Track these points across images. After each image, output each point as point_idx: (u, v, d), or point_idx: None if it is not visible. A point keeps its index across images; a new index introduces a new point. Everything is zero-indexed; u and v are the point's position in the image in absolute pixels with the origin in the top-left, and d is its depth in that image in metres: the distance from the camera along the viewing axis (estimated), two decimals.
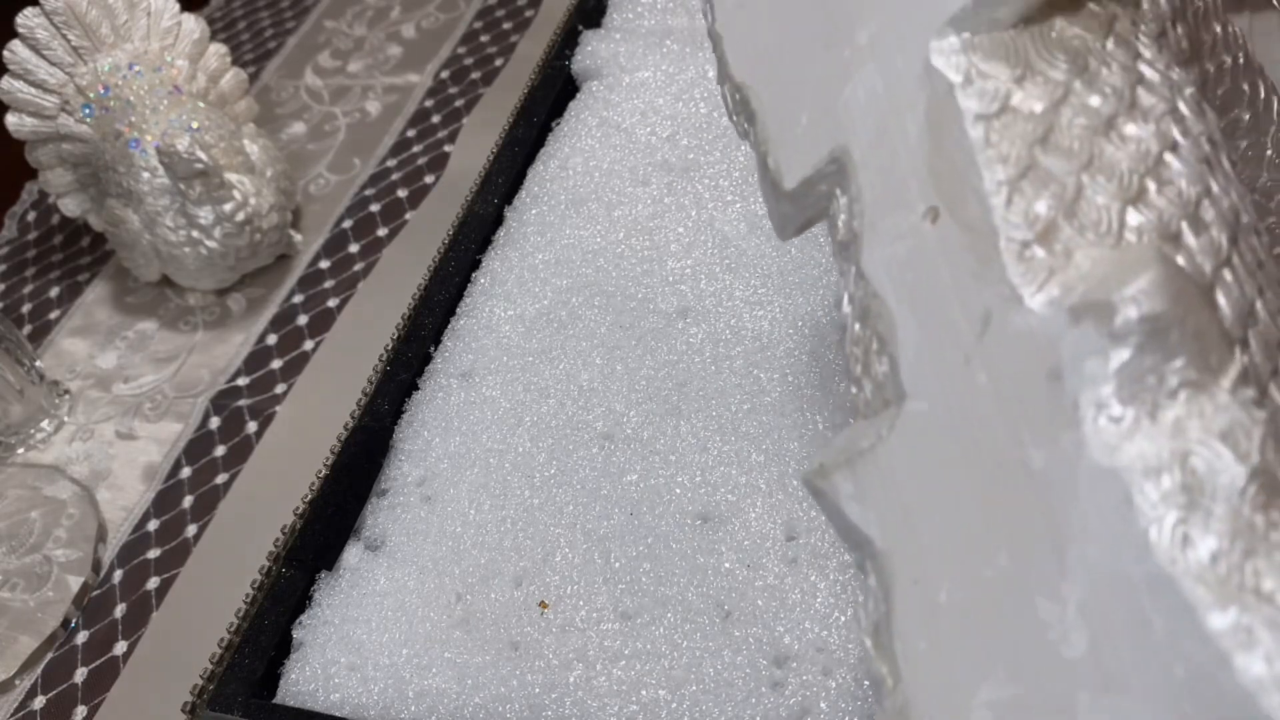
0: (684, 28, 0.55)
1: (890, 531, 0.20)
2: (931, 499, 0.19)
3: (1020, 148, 0.19)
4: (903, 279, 0.21)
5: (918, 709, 0.19)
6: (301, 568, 0.37)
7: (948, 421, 0.19)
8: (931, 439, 0.20)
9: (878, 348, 0.21)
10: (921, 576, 0.19)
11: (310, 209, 0.61)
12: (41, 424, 0.53)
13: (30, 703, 0.43)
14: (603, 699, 0.32)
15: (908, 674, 0.19)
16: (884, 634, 0.20)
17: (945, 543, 0.19)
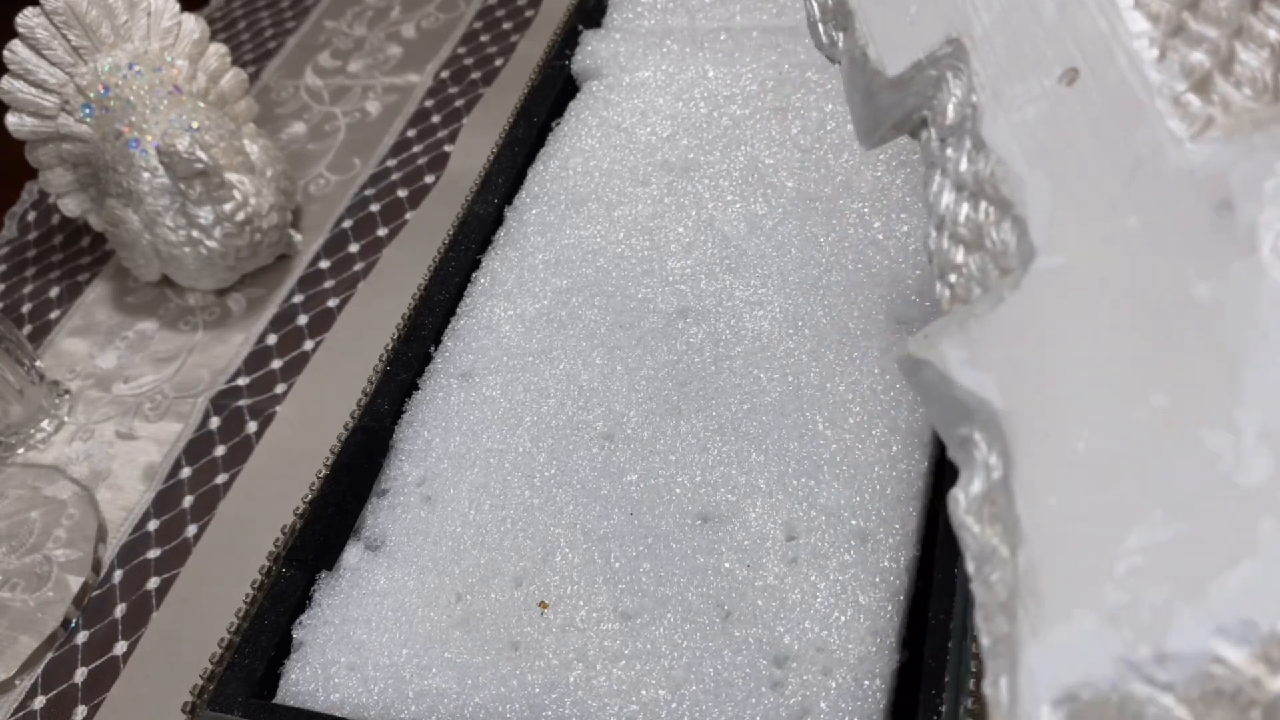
0: (684, 28, 0.55)
1: (1012, 391, 0.20)
2: (1066, 352, 0.19)
3: (1171, 9, 0.20)
4: (1033, 142, 0.21)
5: (1049, 566, 0.18)
6: (301, 568, 0.37)
7: (1089, 271, 0.20)
8: (1069, 291, 0.20)
9: (996, 218, 0.21)
10: (1053, 431, 0.19)
11: (310, 209, 0.61)
12: (41, 424, 0.53)
13: (30, 703, 0.43)
14: (603, 699, 0.32)
15: (1033, 533, 0.19)
16: (998, 501, 0.19)
17: (1085, 392, 0.19)
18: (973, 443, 0.21)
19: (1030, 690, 0.18)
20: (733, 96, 0.50)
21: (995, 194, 0.21)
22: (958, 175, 0.23)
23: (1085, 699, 0.17)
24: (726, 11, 0.55)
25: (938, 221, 0.24)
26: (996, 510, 0.20)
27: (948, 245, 0.23)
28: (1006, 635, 0.19)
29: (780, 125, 0.48)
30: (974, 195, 0.22)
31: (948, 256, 0.23)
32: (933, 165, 0.24)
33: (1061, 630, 0.18)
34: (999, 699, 0.18)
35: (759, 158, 0.47)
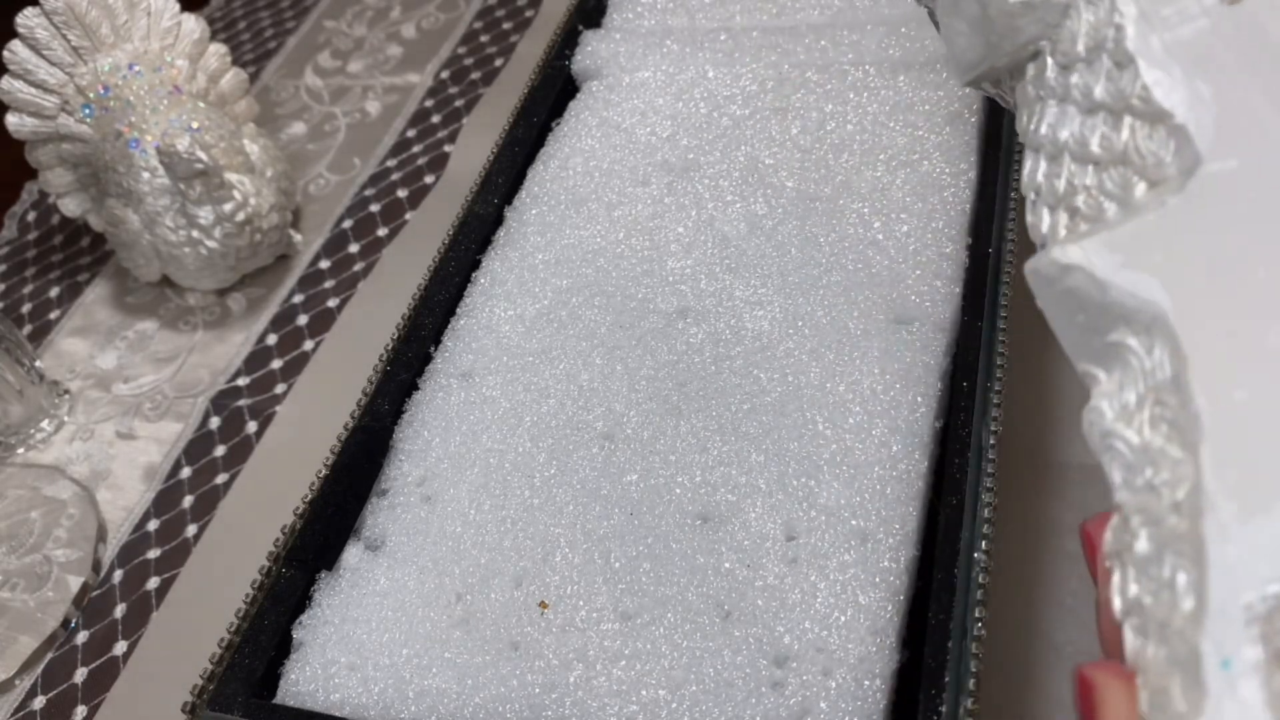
0: (684, 28, 0.55)
1: (1181, 291, 0.20)
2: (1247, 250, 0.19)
3: None
4: (1191, 56, 0.21)
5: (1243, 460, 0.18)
6: (301, 568, 0.37)
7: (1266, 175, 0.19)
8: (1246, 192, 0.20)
9: (1146, 132, 0.21)
10: (1238, 327, 0.19)
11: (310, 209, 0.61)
12: (41, 424, 0.53)
13: (30, 703, 0.43)
14: (603, 699, 0.32)
15: (1219, 428, 0.18)
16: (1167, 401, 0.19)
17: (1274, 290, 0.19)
18: (1127, 348, 0.20)
19: (1226, 584, 0.17)
20: (733, 96, 0.50)
21: (1146, 108, 0.21)
22: (1090, 99, 0.23)
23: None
24: (726, 11, 0.55)
25: (1051, 153, 0.23)
26: (1164, 412, 0.19)
27: (1072, 169, 0.23)
28: (1185, 534, 0.18)
29: (780, 125, 0.48)
30: (1113, 114, 0.22)
31: (1072, 181, 0.22)
32: (1042, 98, 0.24)
33: (1263, 523, 0.17)
34: (1176, 601, 0.18)
35: (759, 158, 0.47)
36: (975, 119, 0.46)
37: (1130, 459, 0.20)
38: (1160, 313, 0.19)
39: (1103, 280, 0.20)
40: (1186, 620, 0.17)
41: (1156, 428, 0.19)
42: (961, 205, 0.43)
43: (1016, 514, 0.42)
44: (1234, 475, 0.18)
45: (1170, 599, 0.18)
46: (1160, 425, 0.19)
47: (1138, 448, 0.19)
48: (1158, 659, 0.18)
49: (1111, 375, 0.21)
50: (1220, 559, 0.17)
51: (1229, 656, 0.17)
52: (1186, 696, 0.17)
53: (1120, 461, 0.20)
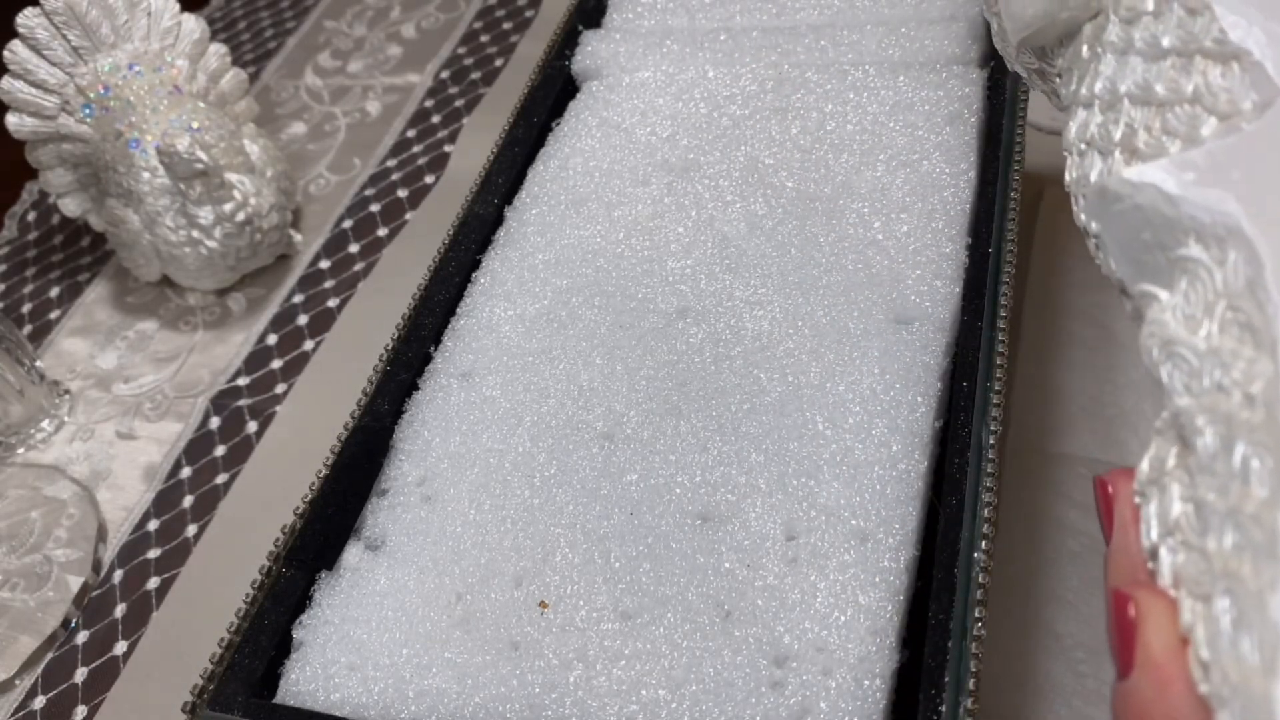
0: (684, 28, 0.55)
1: (1257, 203, 0.20)
2: None
3: None
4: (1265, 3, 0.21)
5: None
6: (301, 568, 0.37)
7: None
8: None
9: (1219, 70, 0.21)
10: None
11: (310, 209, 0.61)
12: (41, 424, 0.53)
13: (30, 703, 0.43)
14: (603, 699, 0.32)
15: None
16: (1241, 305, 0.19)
17: None
18: (1196, 261, 0.20)
19: None
20: (733, 96, 0.50)
21: (1220, 49, 0.21)
22: (1157, 47, 0.23)
23: None
24: (726, 11, 0.55)
25: (1106, 104, 0.23)
26: (1236, 315, 0.19)
27: (1132, 114, 0.23)
28: (1262, 423, 0.18)
29: (780, 125, 0.48)
30: (1183, 57, 0.22)
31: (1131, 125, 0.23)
32: (1098, 55, 0.24)
33: None
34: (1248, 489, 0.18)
35: (759, 158, 0.47)
36: (975, 119, 0.46)
37: (1195, 364, 0.20)
38: (1235, 224, 0.20)
39: (1175, 195, 0.21)
40: (1262, 505, 0.17)
41: (1227, 331, 0.19)
42: (961, 205, 0.43)
43: (1016, 513, 0.42)
44: None
45: (1241, 488, 0.18)
46: (1231, 329, 0.19)
47: (1204, 352, 0.20)
48: (1221, 551, 0.18)
49: (1175, 291, 0.21)
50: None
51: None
52: (1261, 574, 0.17)
53: (1184, 368, 0.20)
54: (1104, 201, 0.23)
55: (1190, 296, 0.20)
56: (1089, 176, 0.24)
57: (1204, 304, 0.20)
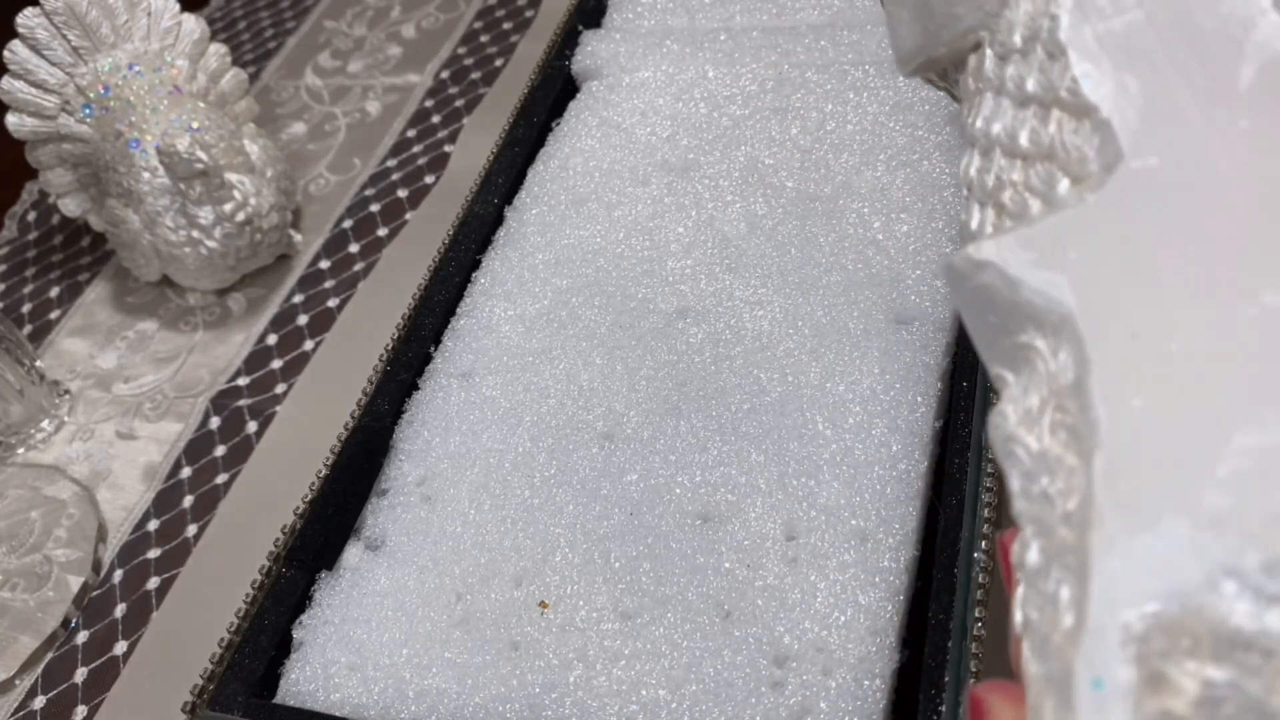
0: (684, 28, 0.55)
1: (1091, 292, 0.19)
2: (1159, 252, 0.18)
3: None
4: (1123, 50, 0.20)
5: (1134, 471, 0.17)
6: (301, 568, 0.37)
7: (1190, 172, 0.19)
8: (1164, 191, 0.19)
9: (1072, 126, 0.20)
10: (1141, 330, 0.18)
11: (310, 209, 0.61)
12: (41, 424, 0.53)
13: (30, 703, 0.43)
14: (603, 699, 0.32)
15: (1114, 437, 0.17)
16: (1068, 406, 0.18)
17: (1182, 291, 0.18)
18: (1034, 350, 0.19)
19: (1106, 601, 0.16)
20: (733, 96, 0.50)
21: (1074, 101, 0.20)
22: (1022, 91, 0.22)
23: (1173, 612, 0.15)
24: (726, 11, 0.55)
25: (984, 148, 0.23)
26: (1064, 418, 0.18)
27: (1001, 164, 0.22)
28: (1072, 546, 0.17)
29: (780, 125, 0.48)
30: (1043, 106, 0.21)
31: (1000, 176, 0.22)
32: (980, 90, 0.24)
33: (1148, 538, 0.16)
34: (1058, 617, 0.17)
35: (759, 158, 0.47)
36: None
37: (1029, 466, 0.19)
38: (1068, 313, 0.19)
39: (1014, 278, 0.20)
40: (1065, 637, 0.16)
41: (1056, 434, 0.18)
42: (962, 205, 0.43)
43: None
44: (1124, 487, 0.17)
45: (1053, 614, 0.17)
46: (1059, 432, 0.18)
47: (1036, 454, 0.19)
48: (1036, 677, 0.17)
49: (1019, 378, 0.20)
50: (1102, 574, 0.16)
51: (1100, 676, 0.16)
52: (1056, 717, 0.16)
53: (1019, 469, 0.19)
54: (953, 279, 0.21)
55: (1029, 388, 0.19)
56: (970, 225, 0.23)
57: (1039, 400, 0.19)
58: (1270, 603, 0.15)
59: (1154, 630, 0.15)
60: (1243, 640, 0.15)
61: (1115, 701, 0.15)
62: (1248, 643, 0.15)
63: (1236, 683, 0.15)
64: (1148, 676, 0.15)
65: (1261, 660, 0.15)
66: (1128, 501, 0.16)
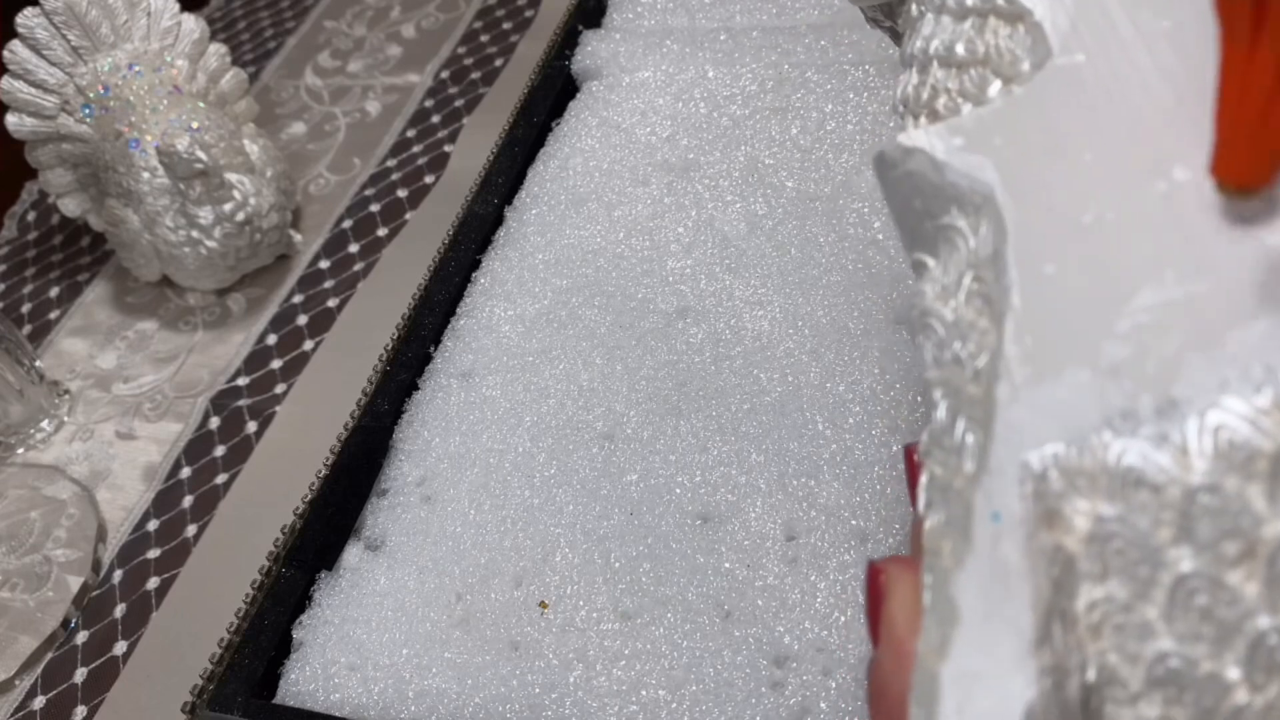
0: (684, 28, 0.55)
1: (1013, 173, 0.20)
2: (1080, 136, 0.19)
3: None
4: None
5: (1039, 329, 0.17)
6: (301, 568, 0.37)
7: (1114, 65, 0.19)
8: (1088, 82, 0.20)
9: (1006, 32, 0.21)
10: (1059, 205, 0.19)
11: (310, 209, 0.61)
12: (41, 424, 0.53)
13: (30, 703, 0.43)
14: (603, 699, 0.32)
15: (1024, 301, 0.18)
16: (984, 277, 0.19)
17: (1099, 171, 0.19)
18: (955, 230, 0.20)
19: (1007, 443, 0.17)
20: (733, 96, 0.50)
21: (1009, 8, 0.21)
22: (962, 6, 0.23)
23: (1072, 455, 0.16)
24: (726, 11, 0.55)
25: (921, 64, 0.23)
26: (980, 287, 0.19)
27: (937, 75, 0.23)
28: (979, 399, 0.18)
29: (780, 125, 0.48)
30: (980, 16, 0.22)
31: (935, 86, 0.23)
32: (922, 14, 0.24)
33: (1050, 388, 0.17)
34: (960, 464, 0.17)
35: (759, 158, 0.47)
36: None
37: (942, 335, 0.19)
38: (989, 193, 0.19)
39: (940, 161, 0.20)
40: (966, 480, 0.17)
41: (971, 303, 0.19)
42: None
43: None
44: (1031, 342, 0.17)
45: (956, 463, 0.18)
46: (975, 300, 0.19)
47: (950, 324, 0.19)
48: (936, 525, 0.18)
49: (939, 260, 0.21)
50: (1006, 420, 0.17)
51: (998, 510, 0.16)
52: (954, 553, 0.17)
53: (933, 339, 0.20)
54: (883, 167, 0.22)
55: (947, 266, 0.20)
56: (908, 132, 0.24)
57: (956, 274, 0.20)
58: (1161, 442, 0.15)
59: (1051, 469, 0.16)
60: (1133, 478, 0.15)
61: (1010, 532, 0.16)
62: (1138, 480, 0.15)
63: (1125, 518, 0.15)
64: (1043, 513, 0.16)
65: (1150, 496, 0.15)
66: (1034, 355, 0.17)
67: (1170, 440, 0.15)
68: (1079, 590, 0.15)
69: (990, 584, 0.16)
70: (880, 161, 0.22)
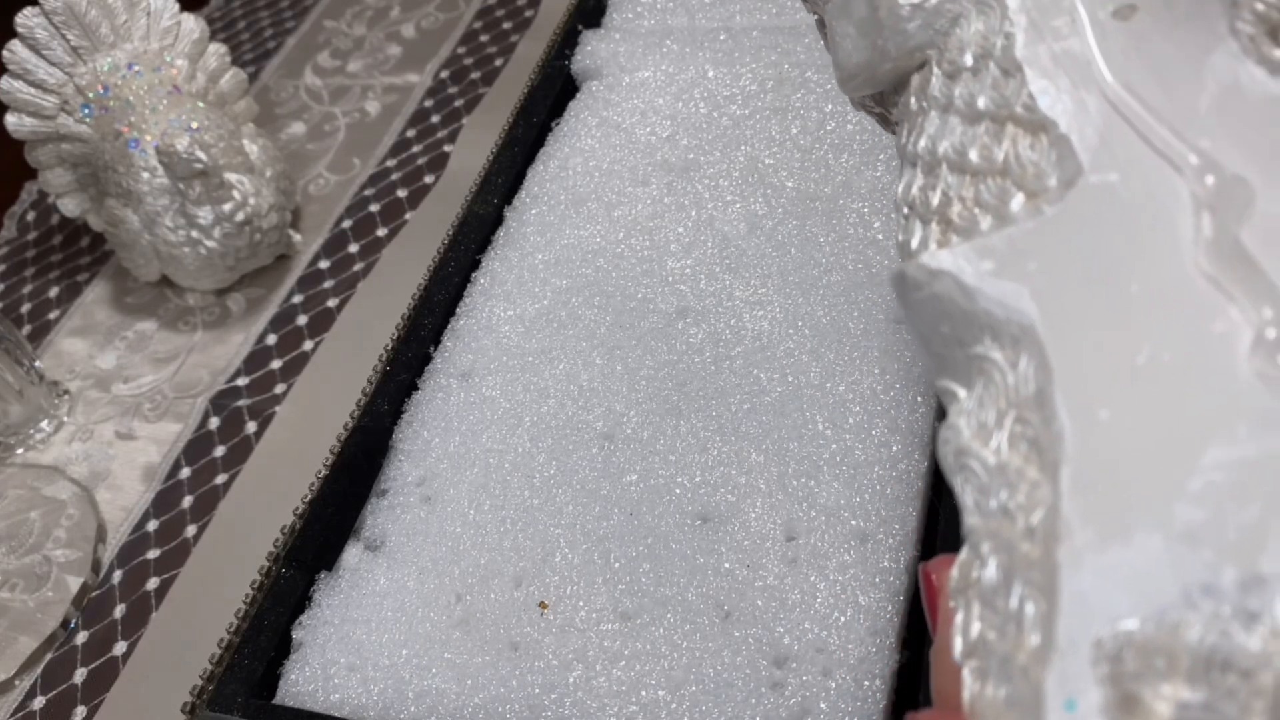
0: (684, 28, 0.55)
1: (1051, 302, 0.18)
2: (1123, 264, 0.18)
3: None
4: (1079, 69, 0.20)
5: (1102, 484, 0.16)
6: (301, 568, 0.37)
7: (1148, 188, 0.18)
8: (1127, 205, 0.18)
9: (1027, 141, 0.20)
10: (1108, 342, 0.17)
11: (310, 209, 0.61)
12: (41, 424, 0.53)
13: (30, 703, 0.43)
14: (603, 699, 0.32)
15: (1080, 450, 0.17)
16: (1029, 419, 0.18)
17: (1149, 304, 0.17)
18: (990, 361, 0.19)
19: (1077, 618, 0.15)
20: (733, 96, 0.50)
21: (1030, 117, 0.20)
22: (973, 109, 0.21)
23: (1147, 631, 0.15)
24: (726, 11, 0.55)
25: (928, 165, 0.22)
26: (1025, 430, 0.18)
27: (949, 180, 0.21)
28: (1037, 561, 0.16)
29: (780, 125, 0.48)
30: (996, 123, 0.21)
31: (947, 192, 0.21)
32: (925, 110, 0.23)
33: (1121, 552, 0.15)
34: (1021, 636, 0.16)
35: (759, 158, 0.47)
36: None
37: (985, 480, 0.18)
38: (1028, 324, 0.18)
39: (971, 287, 0.19)
40: (1031, 656, 0.16)
41: (1016, 447, 0.18)
42: None
43: None
44: (1093, 500, 0.16)
45: (1016, 633, 0.16)
46: (1020, 444, 0.18)
47: (994, 468, 0.18)
48: (995, 700, 0.16)
49: (972, 391, 0.19)
50: (1072, 590, 0.15)
51: (1073, 698, 0.15)
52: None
53: (974, 483, 0.18)
54: (904, 288, 0.21)
55: (984, 400, 0.19)
56: (910, 244, 0.22)
57: (996, 412, 0.18)
58: (1248, 621, 0.14)
59: (1127, 649, 0.15)
60: (1219, 660, 0.14)
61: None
62: (1225, 663, 0.14)
63: (1212, 704, 0.14)
64: (1120, 698, 0.15)
65: (1239, 681, 0.14)
66: (1097, 515, 0.16)
67: (1260, 620, 0.14)
68: None
69: None
70: (901, 281, 0.21)
